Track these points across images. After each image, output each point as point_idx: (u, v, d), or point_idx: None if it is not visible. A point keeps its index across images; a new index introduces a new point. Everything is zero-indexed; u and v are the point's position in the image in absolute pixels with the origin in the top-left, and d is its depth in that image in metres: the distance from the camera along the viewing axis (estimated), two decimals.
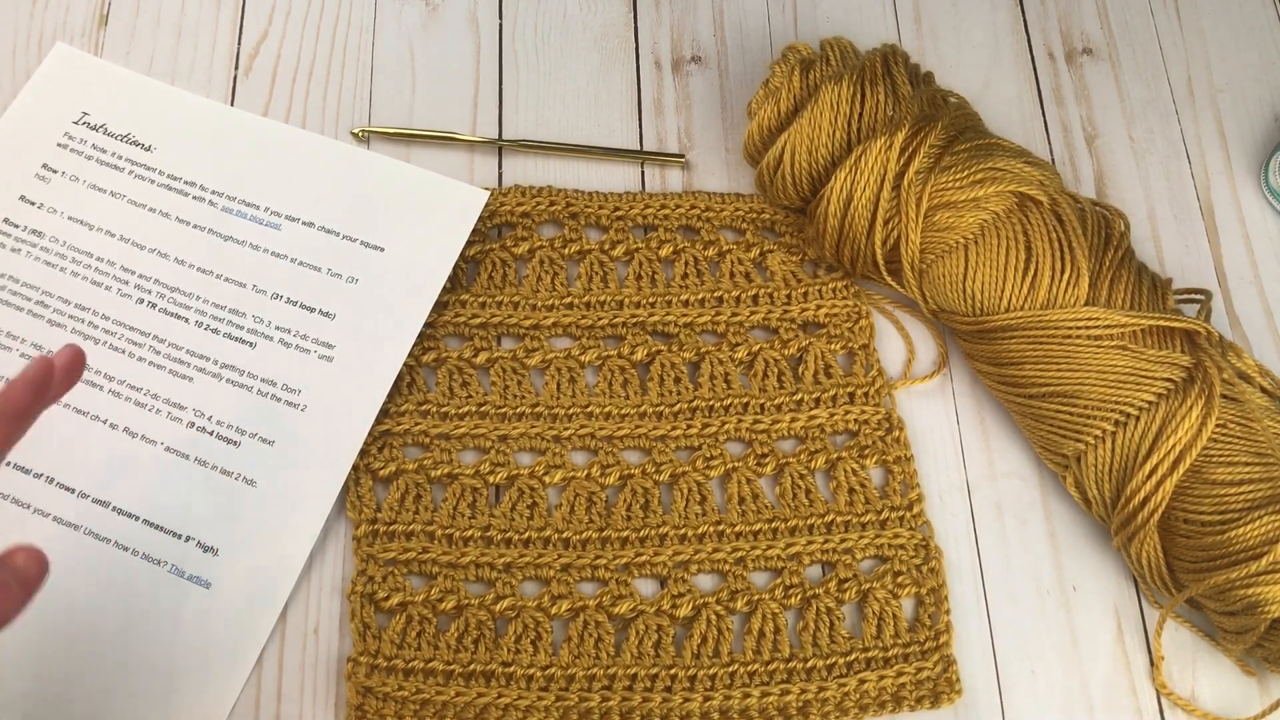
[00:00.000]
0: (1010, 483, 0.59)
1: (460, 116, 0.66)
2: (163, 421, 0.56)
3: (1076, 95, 0.69)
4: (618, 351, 0.60)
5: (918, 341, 0.62)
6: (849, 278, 0.62)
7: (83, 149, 0.62)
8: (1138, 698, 0.54)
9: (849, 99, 0.57)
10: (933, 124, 0.57)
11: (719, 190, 0.65)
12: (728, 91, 0.68)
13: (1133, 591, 0.56)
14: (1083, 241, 0.55)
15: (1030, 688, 0.54)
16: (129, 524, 0.54)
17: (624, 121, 0.67)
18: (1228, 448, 0.52)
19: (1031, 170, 0.57)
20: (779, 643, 0.54)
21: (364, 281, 0.60)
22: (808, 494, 0.57)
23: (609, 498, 0.57)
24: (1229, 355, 0.55)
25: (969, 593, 0.56)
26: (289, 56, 0.67)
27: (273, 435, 0.56)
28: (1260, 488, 0.51)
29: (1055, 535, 0.57)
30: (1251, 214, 0.66)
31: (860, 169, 0.57)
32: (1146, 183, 0.66)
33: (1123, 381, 0.53)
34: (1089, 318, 0.54)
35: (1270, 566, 0.49)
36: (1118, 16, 0.71)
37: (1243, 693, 0.54)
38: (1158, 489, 0.52)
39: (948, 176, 0.56)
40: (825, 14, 0.70)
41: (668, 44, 0.69)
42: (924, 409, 0.60)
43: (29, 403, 0.40)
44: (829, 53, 0.60)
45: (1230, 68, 0.70)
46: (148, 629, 0.52)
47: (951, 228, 0.56)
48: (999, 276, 0.56)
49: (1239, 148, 0.68)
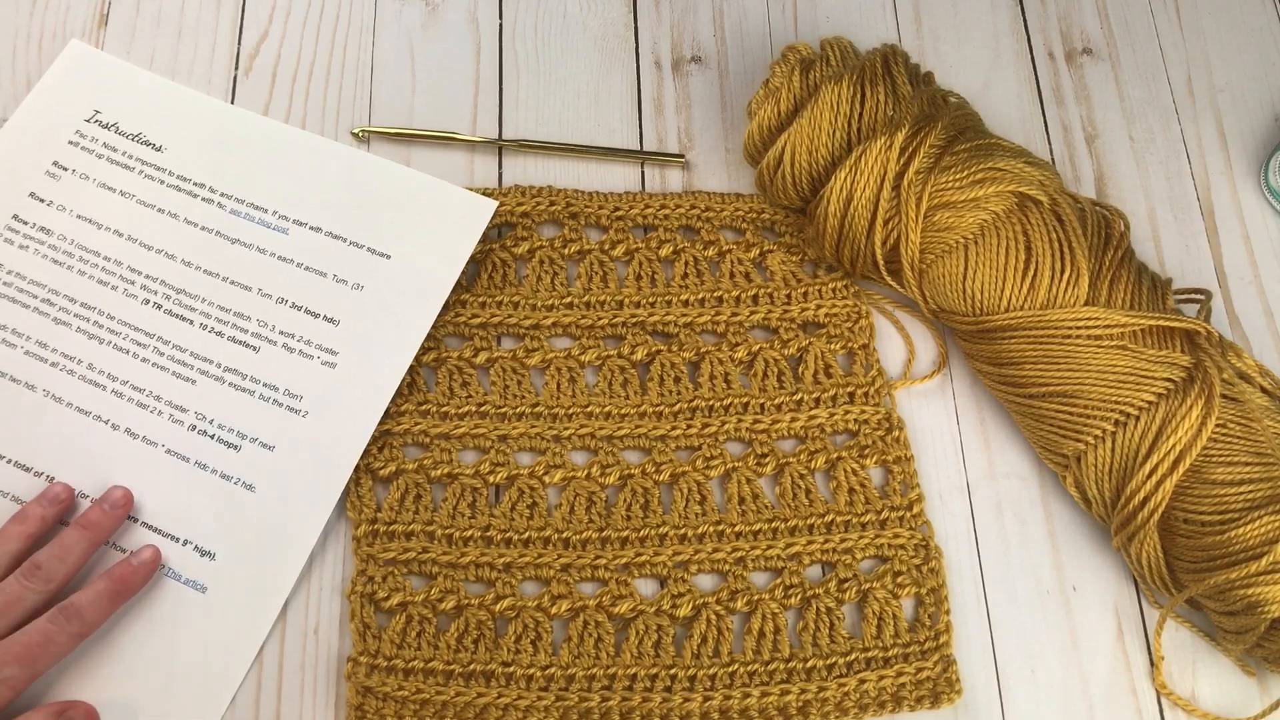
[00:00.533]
0: (1010, 483, 0.59)
1: (460, 116, 0.66)
2: (164, 423, 0.56)
3: (1076, 95, 0.69)
4: (618, 351, 0.60)
5: (918, 341, 0.62)
6: (849, 278, 0.62)
7: (94, 147, 0.62)
8: (1138, 698, 0.54)
9: (849, 99, 0.57)
10: (933, 124, 0.57)
11: (719, 190, 0.65)
12: (728, 91, 0.68)
13: (1133, 591, 0.56)
14: (1083, 241, 0.55)
15: (1030, 688, 0.54)
16: (127, 525, 0.54)
17: (624, 121, 0.67)
18: (1228, 448, 0.52)
19: (1031, 170, 0.57)
20: (779, 643, 0.54)
21: (370, 288, 0.60)
22: (808, 494, 0.57)
23: (609, 498, 0.57)
24: (1229, 355, 0.55)
25: (969, 593, 0.56)
26: (289, 56, 0.67)
27: (273, 440, 0.56)
28: (1260, 488, 0.51)
29: (1055, 535, 0.57)
30: (1251, 214, 0.66)
31: (860, 169, 0.57)
32: (1146, 183, 0.66)
33: (1123, 381, 0.53)
34: (1089, 318, 0.54)
35: (1270, 566, 0.49)
36: (1118, 16, 0.71)
37: (1243, 693, 0.54)
38: (1158, 489, 0.52)
39: (948, 176, 0.56)
40: (825, 14, 0.70)
41: (668, 44, 0.69)
42: (924, 409, 0.60)
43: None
44: (829, 53, 0.60)
45: (1230, 68, 0.70)
46: (145, 630, 0.52)
47: (951, 228, 0.56)
48: (999, 276, 0.56)
49: (1239, 148, 0.68)
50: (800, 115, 0.58)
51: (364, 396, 0.57)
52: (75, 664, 0.51)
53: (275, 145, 0.64)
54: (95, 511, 0.52)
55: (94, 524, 0.52)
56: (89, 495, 0.54)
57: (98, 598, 0.50)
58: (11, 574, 0.50)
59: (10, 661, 0.47)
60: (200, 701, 0.51)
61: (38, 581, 0.49)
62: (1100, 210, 0.59)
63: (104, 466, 0.55)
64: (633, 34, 0.69)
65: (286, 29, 0.68)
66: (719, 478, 0.58)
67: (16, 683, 0.47)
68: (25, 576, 0.49)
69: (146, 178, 0.62)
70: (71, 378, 0.56)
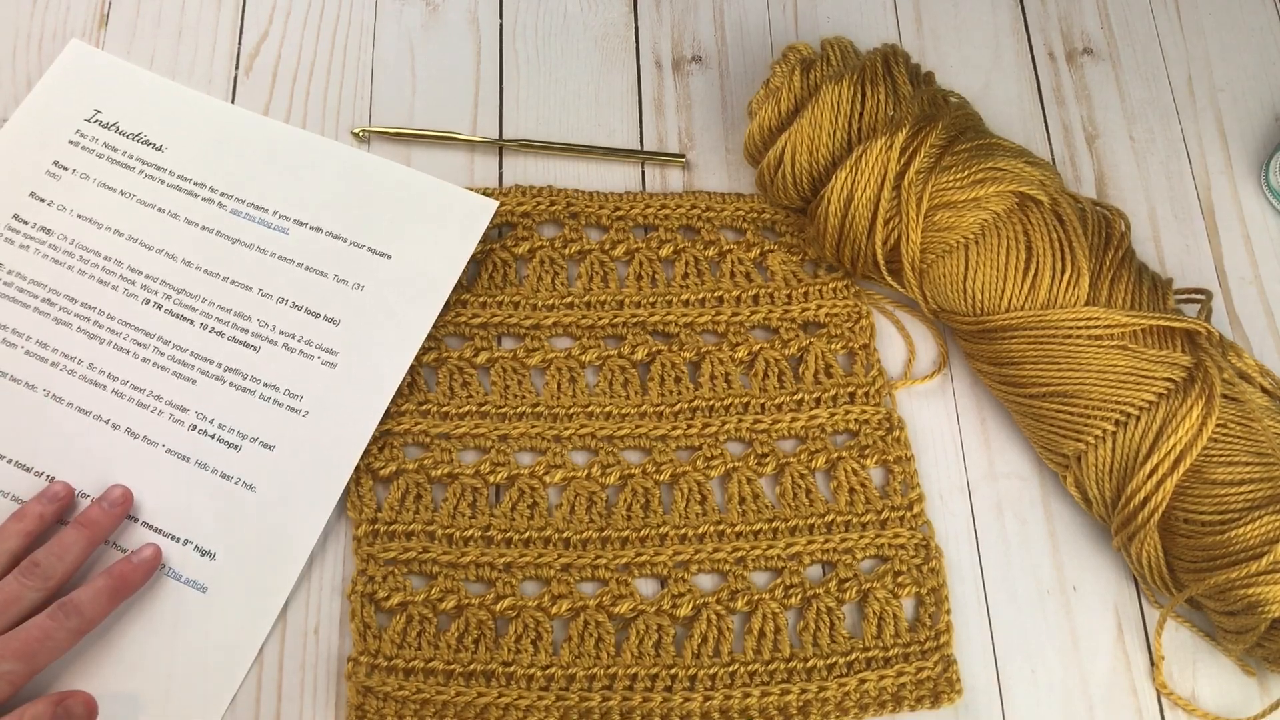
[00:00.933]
0: (1010, 483, 0.59)
1: (460, 116, 0.66)
2: (164, 423, 0.56)
3: (1077, 95, 0.69)
4: (618, 351, 0.60)
5: (918, 341, 0.62)
6: (849, 278, 0.62)
7: (94, 147, 0.62)
8: (1138, 698, 0.54)
9: (849, 99, 0.57)
10: (933, 124, 0.57)
11: (719, 190, 0.65)
12: (728, 91, 0.68)
13: (1133, 592, 0.56)
14: (1083, 241, 0.55)
15: (1030, 688, 0.54)
16: (127, 525, 0.54)
17: (624, 121, 0.67)
18: (1228, 448, 0.52)
19: (1032, 170, 0.57)
20: (779, 642, 0.54)
21: (370, 288, 0.60)
22: (808, 494, 0.57)
23: (609, 497, 0.57)
24: (1229, 355, 0.55)
25: (969, 593, 0.56)
26: (289, 56, 0.67)
27: (274, 440, 0.56)
28: (1260, 488, 0.51)
29: (1055, 535, 0.57)
30: (1252, 214, 0.66)
31: (861, 169, 0.57)
32: (1147, 182, 0.66)
33: (1123, 381, 0.53)
34: (1089, 318, 0.54)
35: (1270, 566, 0.49)
36: (1118, 16, 0.71)
37: (1243, 693, 0.54)
38: (1158, 489, 0.52)
39: (948, 176, 0.56)
40: (826, 14, 0.70)
41: (668, 44, 0.69)
42: (924, 409, 0.60)
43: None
44: (829, 52, 0.60)
45: (1230, 68, 0.70)
46: (145, 630, 0.52)
47: (952, 227, 0.56)
48: (999, 276, 0.56)
49: (1239, 147, 0.68)
50: (801, 115, 0.58)
51: (365, 396, 0.57)
52: (76, 662, 0.51)
53: (276, 145, 0.64)
54: (94, 510, 0.53)
55: (93, 522, 0.52)
56: (89, 495, 0.54)
57: (97, 594, 0.50)
58: (10, 572, 0.50)
59: (9, 656, 0.47)
60: (201, 701, 0.51)
61: (36, 579, 0.50)
62: (1101, 210, 0.59)
63: (104, 466, 0.55)
64: (633, 34, 0.69)
65: (287, 29, 0.68)
66: (719, 478, 0.58)
67: (15, 677, 0.47)
68: (24, 575, 0.50)
69: (147, 177, 0.62)
70: (71, 378, 0.56)
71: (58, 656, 0.49)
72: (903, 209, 0.56)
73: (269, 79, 0.66)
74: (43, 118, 0.63)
